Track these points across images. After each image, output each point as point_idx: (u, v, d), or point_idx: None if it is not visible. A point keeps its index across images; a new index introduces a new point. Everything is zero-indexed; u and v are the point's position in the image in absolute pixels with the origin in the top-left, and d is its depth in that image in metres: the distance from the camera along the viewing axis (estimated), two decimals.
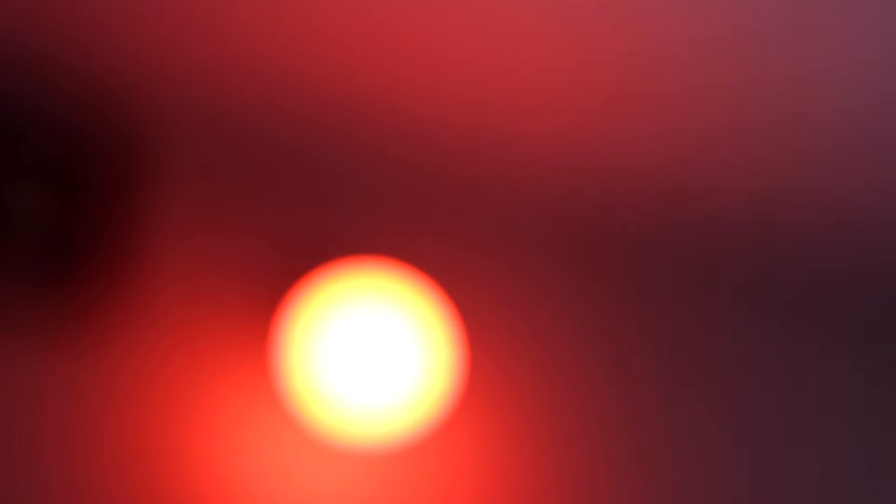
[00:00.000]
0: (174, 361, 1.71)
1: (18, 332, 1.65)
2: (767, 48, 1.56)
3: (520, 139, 1.76)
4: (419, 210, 1.85)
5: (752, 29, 1.53)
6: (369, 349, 1.70)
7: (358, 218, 1.82)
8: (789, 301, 2.06)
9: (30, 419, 1.65)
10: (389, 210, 1.84)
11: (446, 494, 1.79)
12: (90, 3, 1.53)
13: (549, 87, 1.67)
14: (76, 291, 1.67)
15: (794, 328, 2.06)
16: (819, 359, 2.07)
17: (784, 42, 1.55)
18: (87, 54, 1.62)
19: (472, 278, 1.86)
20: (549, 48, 1.59)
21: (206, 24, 1.55)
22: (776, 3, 1.49)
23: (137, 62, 1.63)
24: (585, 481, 1.88)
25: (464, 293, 1.84)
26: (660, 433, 1.95)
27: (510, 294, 1.89)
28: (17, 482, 1.63)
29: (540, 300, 1.91)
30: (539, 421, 1.86)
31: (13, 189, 1.65)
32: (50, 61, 1.64)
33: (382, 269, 1.77)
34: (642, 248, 1.97)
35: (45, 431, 1.65)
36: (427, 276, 1.82)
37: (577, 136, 1.76)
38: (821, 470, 2.03)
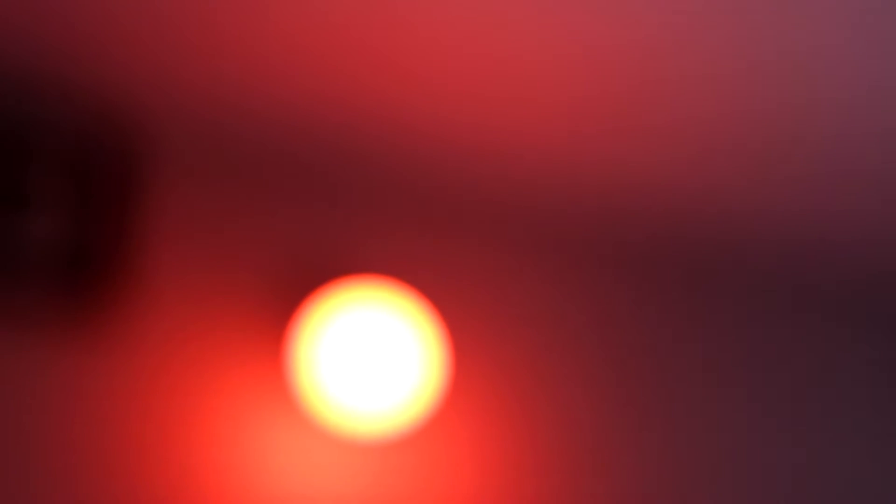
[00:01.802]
0: (176, 360, 1.72)
1: (26, 332, 1.65)
2: (763, 78, 1.59)
3: (517, 156, 1.78)
4: (413, 218, 1.85)
5: (749, 62, 1.57)
6: (367, 351, 1.71)
7: (355, 224, 1.83)
8: (787, 303, 2.07)
9: (35, 416, 1.65)
10: (384, 217, 1.84)
11: (439, 481, 1.81)
12: (90, 21, 1.54)
13: (548, 107, 1.68)
14: (84, 294, 1.67)
15: (794, 330, 2.07)
16: (821, 362, 2.08)
17: (780, 71, 1.58)
18: (89, 72, 1.63)
19: (462, 287, 1.87)
20: (550, 68, 1.61)
21: (210, 39, 1.56)
22: (773, 37, 1.52)
23: (139, 78, 1.64)
24: (574, 470, 1.89)
25: (454, 301, 1.85)
26: (655, 431, 1.96)
27: (500, 301, 1.89)
28: (24, 476, 1.63)
29: (528, 307, 1.92)
30: (523, 415, 1.87)
31: (20, 199, 1.66)
32: (53, 79, 1.65)
33: (377, 277, 1.79)
34: (641, 250, 1.97)
35: (49, 428, 1.65)
36: (419, 284, 1.83)
37: (575, 153, 1.78)
38: (825, 468, 2.04)
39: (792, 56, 1.55)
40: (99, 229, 1.69)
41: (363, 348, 1.71)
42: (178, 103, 1.68)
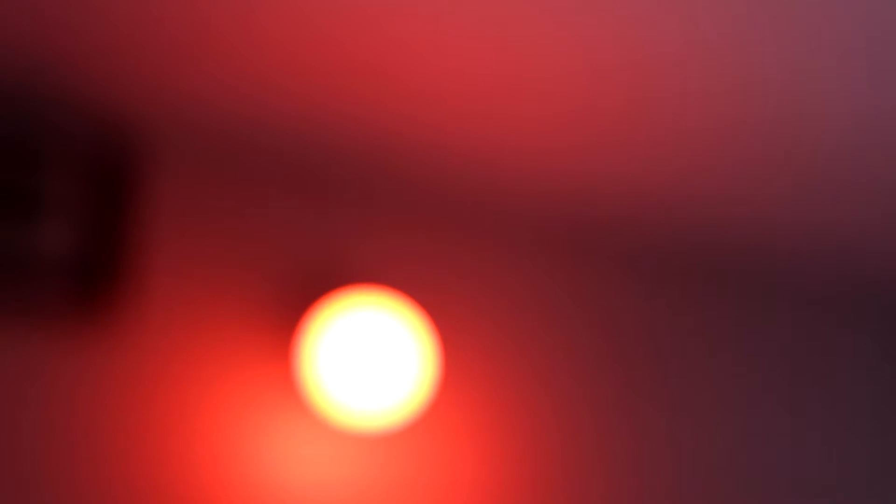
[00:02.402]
0: (179, 360, 1.73)
1: (32, 332, 1.66)
2: (760, 92, 1.61)
3: (522, 165, 1.80)
4: (413, 220, 1.87)
5: (748, 77, 1.58)
6: (367, 348, 1.73)
7: (357, 228, 1.84)
8: (786, 302, 2.07)
9: (38, 415, 1.66)
10: (386, 220, 1.85)
11: (440, 473, 1.82)
12: (91, 29, 1.55)
13: (552, 116, 1.70)
14: (89, 295, 1.68)
15: (794, 329, 2.07)
16: (819, 360, 2.08)
17: (777, 86, 1.60)
18: (91, 79, 1.64)
19: (463, 285, 1.89)
20: (552, 81, 1.62)
21: (210, 48, 1.57)
22: (770, 54, 1.53)
23: (142, 88, 1.65)
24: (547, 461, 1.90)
25: (456, 299, 1.87)
26: (655, 427, 1.96)
27: (500, 299, 1.91)
28: (27, 473, 1.65)
29: (529, 305, 1.93)
30: (522, 410, 1.89)
31: (24, 205, 1.67)
32: (55, 87, 1.66)
33: (379, 277, 1.81)
34: (643, 254, 1.98)
35: (52, 427, 1.67)
36: (420, 284, 1.85)
37: (578, 161, 1.79)
38: (824, 465, 2.04)
39: (788, 71, 1.56)
40: (104, 232, 1.69)
41: (364, 346, 1.73)
42: (182, 113, 1.69)
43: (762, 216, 1.87)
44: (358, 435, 1.78)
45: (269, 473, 1.74)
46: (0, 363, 1.64)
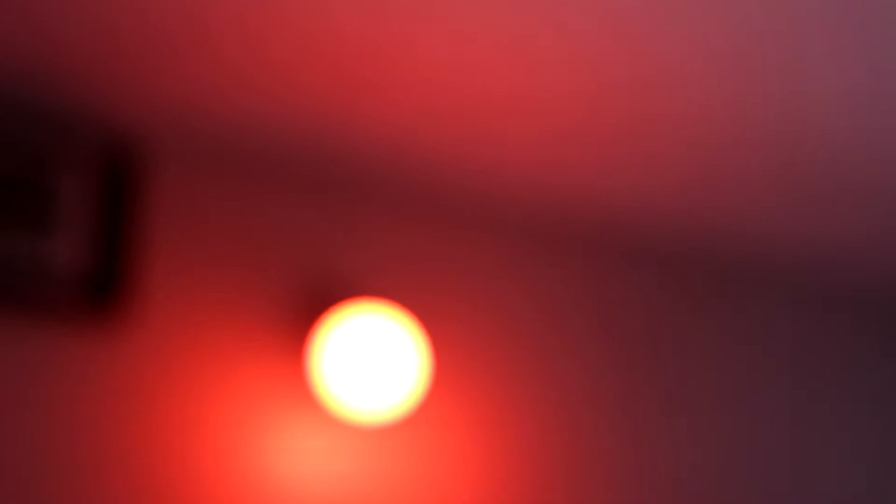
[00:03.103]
0: (184, 360, 1.74)
1: (41, 332, 1.67)
2: (759, 110, 1.63)
3: (533, 178, 1.81)
4: (415, 224, 1.87)
5: (748, 95, 1.60)
6: (367, 351, 1.74)
7: (362, 237, 1.85)
8: (785, 302, 2.08)
9: (42, 416, 1.66)
10: (387, 223, 1.86)
11: (437, 465, 1.84)
12: (94, 42, 1.55)
13: (551, 143, 1.72)
14: (98, 297, 1.69)
15: (794, 328, 2.07)
16: (816, 357, 2.09)
17: (777, 104, 1.61)
18: (95, 90, 1.65)
19: (454, 296, 1.90)
20: (563, 97, 1.63)
21: (216, 60, 1.58)
22: (771, 72, 1.55)
23: (142, 97, 1.66)
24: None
25: (447, 310, 1.88)
26: (655, 424, 1.97)
27: (487, 310, 1.92)
28: (32, 471, 1.65)
29: (529, 305, 1.93)
30: (505, 411, 1.90)
31: (30, 217, 1.67)
32: (58, 95, 1.66)
33: (383, 276, 1.82)
34: (649, 257, 1.98)
35: (57, 427, 1.67)
36: (423, 284, 1.86)
37: (574, 186, 1.81)
38: (825, 464, 2.04)
39: (787, 89, 1.57)
40: (106, 234, 1.69)
41: (364, 344, 1.74)
42: (181, 118, 1.69)
43: (762, 223, 1.88)
44: (361, 431, 1.79)
45: (271, 471, 1.74)
46: (2, 363, 1.65)
